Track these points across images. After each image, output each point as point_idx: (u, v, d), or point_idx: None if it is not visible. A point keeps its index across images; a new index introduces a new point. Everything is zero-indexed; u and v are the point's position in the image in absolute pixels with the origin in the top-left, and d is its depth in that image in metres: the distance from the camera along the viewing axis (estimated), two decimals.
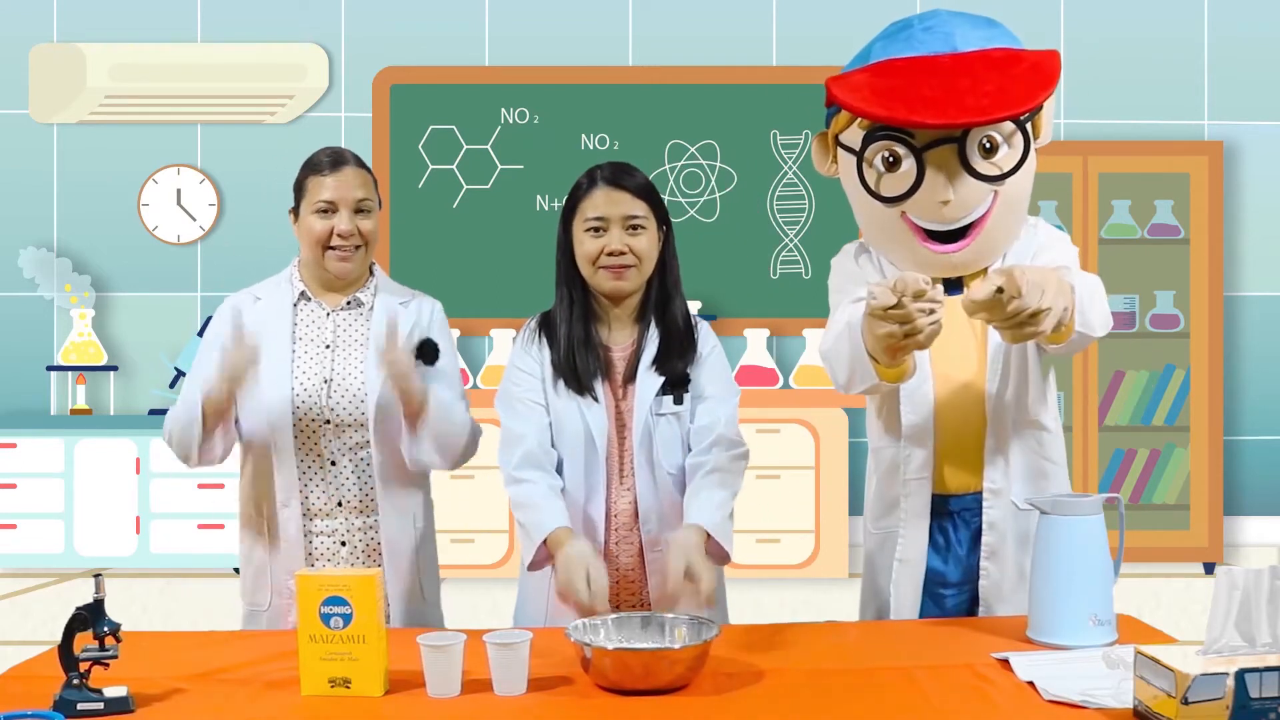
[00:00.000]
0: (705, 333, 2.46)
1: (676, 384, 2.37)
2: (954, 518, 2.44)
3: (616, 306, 2.41)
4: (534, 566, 2.32)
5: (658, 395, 2.35)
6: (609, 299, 2.40)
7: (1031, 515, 2.36)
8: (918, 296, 2.10)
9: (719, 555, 2.31)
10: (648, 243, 2.36)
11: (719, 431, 2.36)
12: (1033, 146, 2.37)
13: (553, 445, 2.38)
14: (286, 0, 6.14)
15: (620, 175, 2.37)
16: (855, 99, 2.35)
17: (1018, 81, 2.28)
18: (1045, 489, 2.41)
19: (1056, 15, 6.08)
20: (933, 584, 2.45)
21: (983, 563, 2.42)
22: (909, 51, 2.37)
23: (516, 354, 2.44)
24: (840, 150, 2.47)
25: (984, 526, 2.41)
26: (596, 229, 2.34)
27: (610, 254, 2.33)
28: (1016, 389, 2.41)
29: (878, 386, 2.35)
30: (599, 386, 2.37)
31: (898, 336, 2.11)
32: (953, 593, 2.45)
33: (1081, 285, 2.26)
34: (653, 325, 2.41)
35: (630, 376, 2.39)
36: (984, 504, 2.41)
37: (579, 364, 2.36)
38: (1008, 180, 2.34)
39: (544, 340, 2.42)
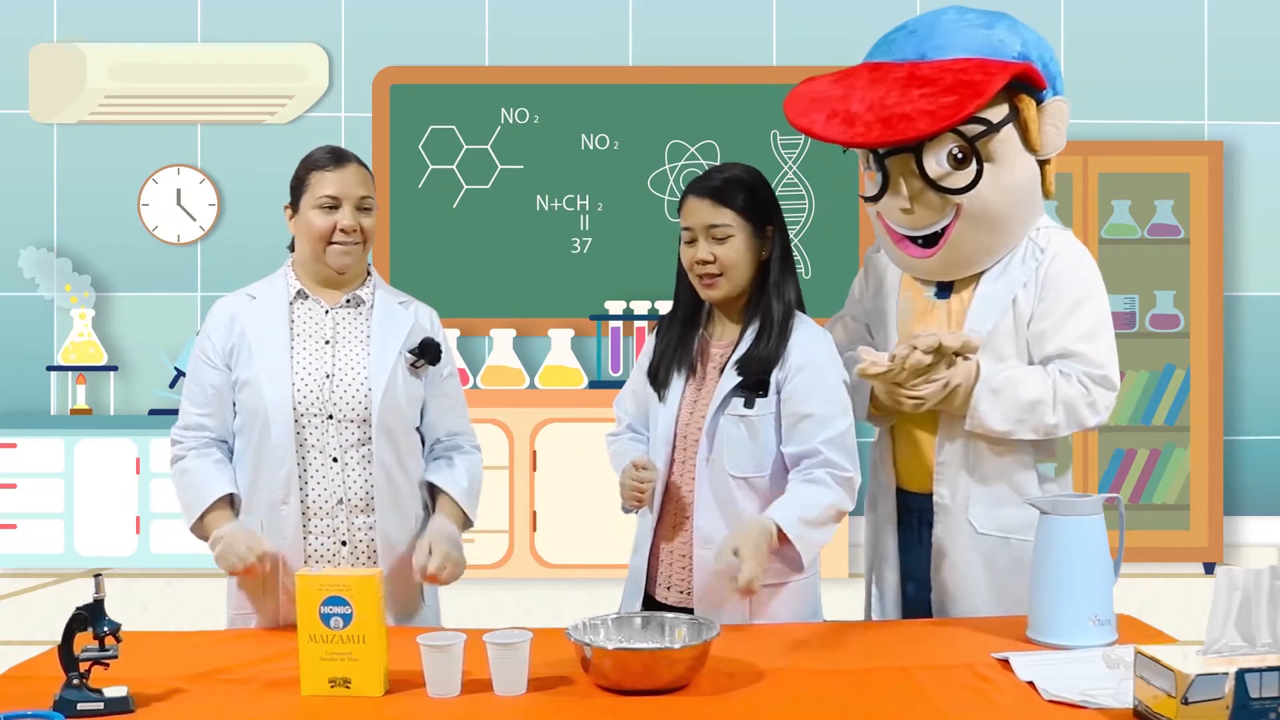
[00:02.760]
0: (810, 340, 2.36)
1: (750, 386, 2.31)
2: (919, 515, 2.44)
3: (719, 307, 2.43)
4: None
5: (728, 394, 2.33)
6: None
7: (994, 541, 2.37)
8: (916, 373, 2.23)
9: (792, 558, 2.26)
10: (734, 250, 2.32)
11: (823, 455, 2.27)
12: (985, 164, 2.28)
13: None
14: (286, 0, 6.14)
15: (705, 184, 2.36)
16: (791, 106, 2.38)
17: (943, 100, 2.21)
18: (1009, 518, 2.35)
19: (1056, 14, 6.08)
20: (904, 579, 2.48)
21: (931, 574, 2.42)
22: (884, 56, 2.38)
23: (645, 348, 2.58)
24: None
25: (933, 539, 2.41)
26: (688, 240, 2.37)
27: (698, 262, 2.35)
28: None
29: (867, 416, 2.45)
30: (676, 384, 2.41)
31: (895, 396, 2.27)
32: (918, 587, 2.46)
33: (1020, 389, 2.30)
34: (753, 324, 2.37)
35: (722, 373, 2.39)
36: (935, 516, 2.40)
37: (660, 365, 2.44)
38: (968, 195, 2.30)
39: (654, 337, 2.53)
